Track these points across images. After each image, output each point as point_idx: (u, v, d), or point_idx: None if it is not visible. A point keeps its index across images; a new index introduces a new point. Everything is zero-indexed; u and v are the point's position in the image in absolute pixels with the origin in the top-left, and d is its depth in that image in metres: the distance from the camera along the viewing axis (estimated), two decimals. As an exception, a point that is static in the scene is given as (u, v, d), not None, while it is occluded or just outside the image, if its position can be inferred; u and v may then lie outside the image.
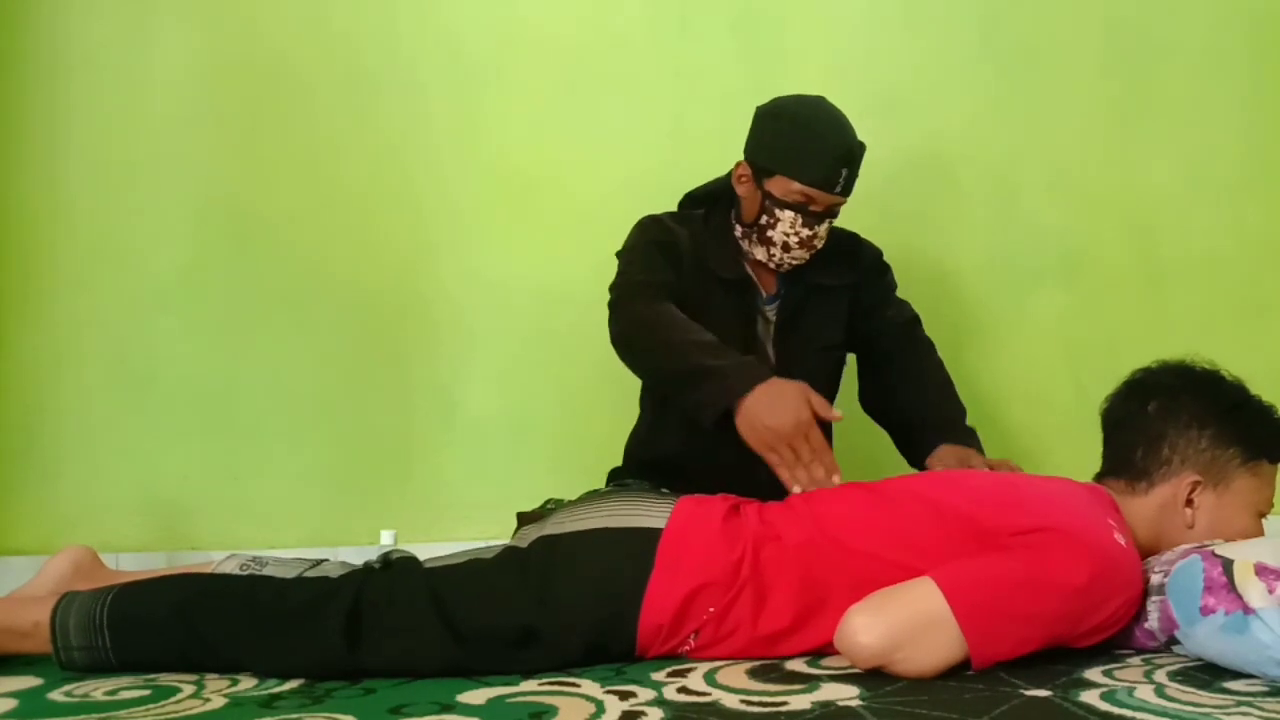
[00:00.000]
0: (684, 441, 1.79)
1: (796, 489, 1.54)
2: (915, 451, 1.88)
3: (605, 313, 1.79)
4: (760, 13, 2.37)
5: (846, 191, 1.79)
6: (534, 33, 2.35)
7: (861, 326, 1.94)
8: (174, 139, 2.27)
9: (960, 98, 2.41)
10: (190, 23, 2.28)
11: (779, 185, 1.78)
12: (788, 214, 1.78)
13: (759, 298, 1.88)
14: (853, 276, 1.92)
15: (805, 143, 1.76)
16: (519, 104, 2.34)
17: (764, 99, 1.88)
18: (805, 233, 1.79)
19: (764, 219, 1.80)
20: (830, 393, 1.92)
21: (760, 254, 1.84)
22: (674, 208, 1.98)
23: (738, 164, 1.85)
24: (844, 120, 1.79)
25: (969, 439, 1.84)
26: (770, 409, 1.54)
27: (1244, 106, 2.46)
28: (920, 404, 1.91)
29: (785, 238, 1.80)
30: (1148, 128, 2.45)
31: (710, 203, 1.93)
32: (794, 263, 1.84)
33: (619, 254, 1.88)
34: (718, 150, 2.33)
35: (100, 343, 2.24)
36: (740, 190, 1.85)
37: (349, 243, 2.30)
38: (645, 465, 1.86)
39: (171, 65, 2.27)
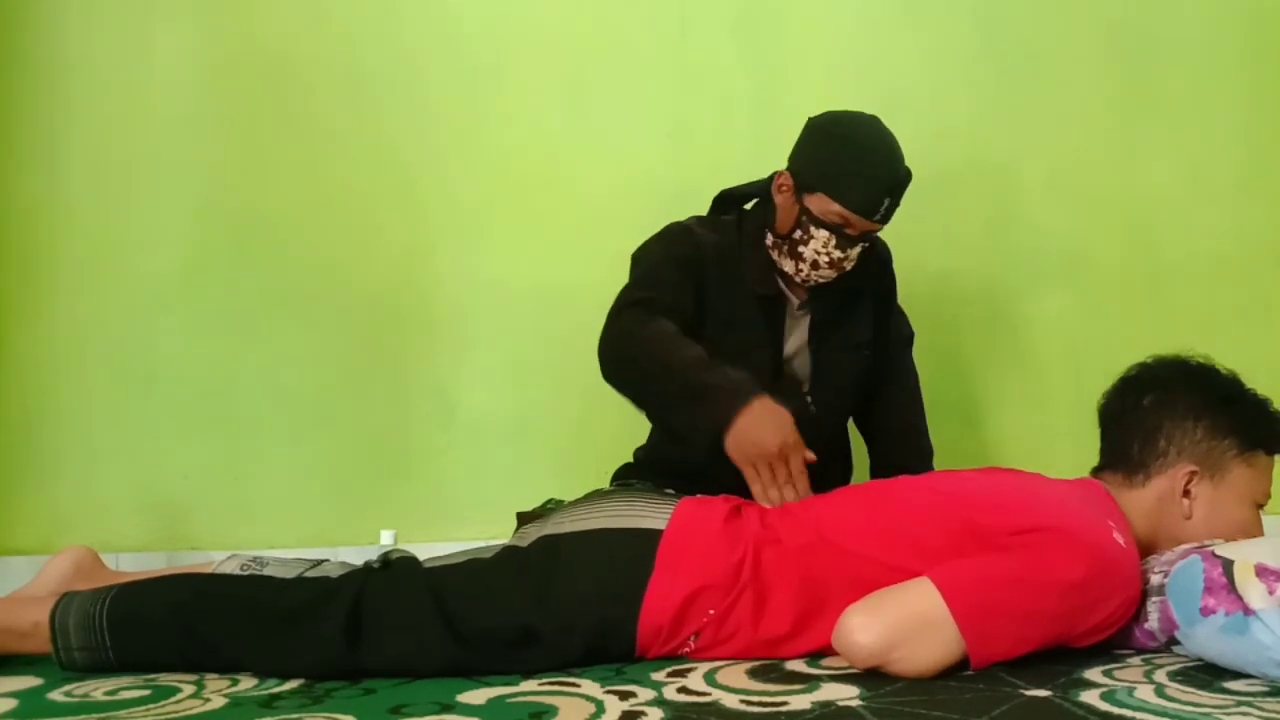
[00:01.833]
0: (692, 451, 1.78)
1: (765, 504, 1.55)
2: (878, 467, 1.96)
3: (604, 312, 1.78)
4: (760, 13, 2.37)
5: (885, 220, 1.75)
6: (534, 33, 2.35)
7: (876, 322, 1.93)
8: (174, 139, 2.27)
9: (960, 98, 2.41)
10: (190, 23, 2.28)
11: (818, 203, 1.73)
12: (823, 233, 1.74)
13: (790, 310, 1.85)
14: (873, 275, 1.90)
15: (852, 165, 1.72)
16: (520, 104, 2.34)
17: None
18: (837, 254, 1.75)
19: (798, 233, 1.76)
20: (863, 391, 1.93)
21: (788, 266, 1.81)
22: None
23: (779, 172, 1.81)
24: (895, 147, 1.74)
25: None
26: (760, 426, 1.55)
27: (1244, 106, 2.46)
28: (886, 436, 1.96)
29: (816, 256, 1.76)
30: (1148, 128, 2.45)
31: (743, 206, 1.90)
32: (820, 280, 1.80)
33: (634, 256, 1.85)
34: (718, 150, 2.34)
35: (100, 343, 2.24)
36: (778, 199, 1.80)
37: (349, 243, 2.30)
38: (658, 468, 1.84)
39: (171, 65, 2.28)
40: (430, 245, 2.31)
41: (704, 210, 1.94)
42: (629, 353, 1.70)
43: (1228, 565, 1.29)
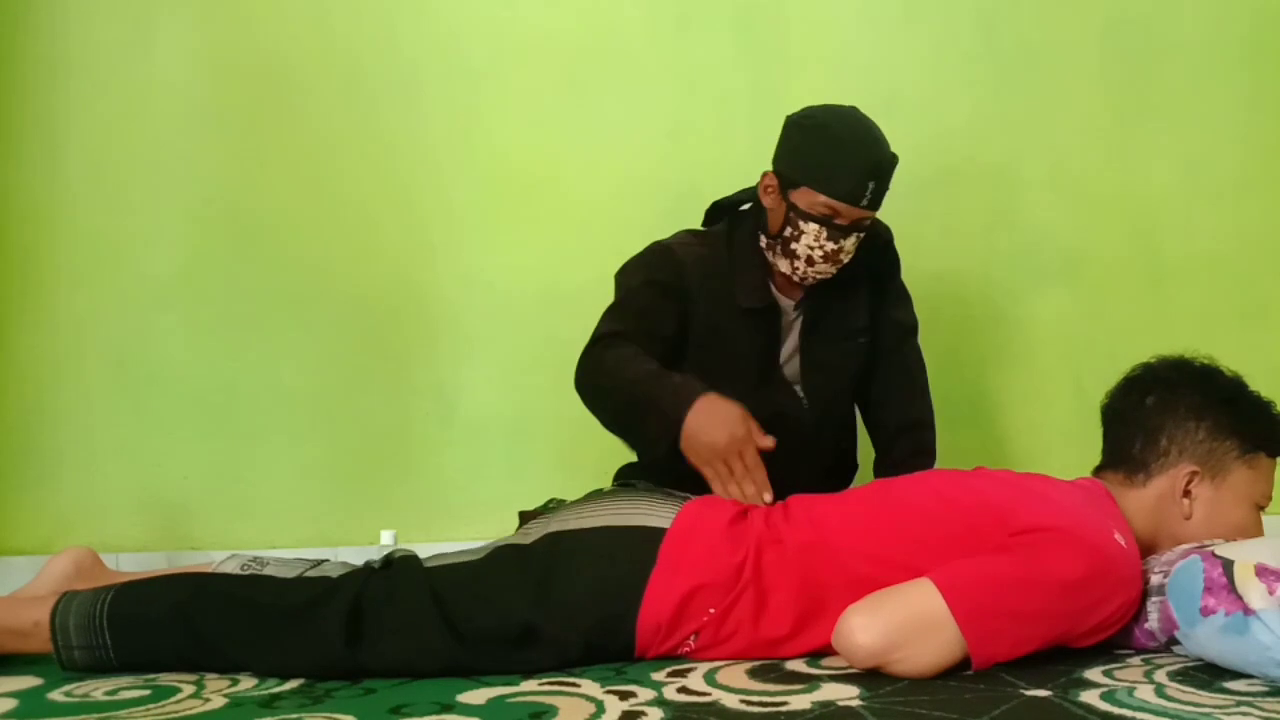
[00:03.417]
0: None
1: (729, 500, 1.54)
2: (878, 461, 1.95)
3: (602, 311, 1.79)
4: (760, 13, 2.37)
5: (874, 205, 1.74)
6: (533, 33, 2.35)
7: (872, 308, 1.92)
8: (173, 139, 2.27)
9: (960, 98, 2.41)
10: (190, 23, 2.29)
11: (804, 197, 1.73)
12: (812, 226, 1.73)
13: (784, 318, 1.84)
14: (870, 258, 1.87)
15: (831, 154, 1.71)
16: (517, 104, 2.34)
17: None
18: (830, 246, 1.74)
19: (788, 231, 1.76)
20: (862, 382, 1.93)
21: (784, 266, 1.80)
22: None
23: (765, 174, 1.81)
24: (874, 131, 1.73)
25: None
26: (708, 425, 1.55)
27: (1244, 106, 2.46)
28: (890, 423, 1.94)
29: (809, 251, 1.75)
30: (1148, 128, 2.45)
31: (735, 214, 1.89)
32: (818, 276, 1.79)
33: (615, 278, 1.84)
34: (717, 150, 2.34)
35: (100, 343, 2.24)
36: (766, 201, 1.80)
37: (348, 243, 2.30)
38: (662, 470, 1.81)
39: (171, 65, 2.28)
40: (430, 245, 2.32)
41: (703, 209, 1.93)
42: (593, 381, 1.72)
43: (1228, 565, 1.29)
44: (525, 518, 1.66)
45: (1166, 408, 1.51)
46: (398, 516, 2.21)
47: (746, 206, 1.89)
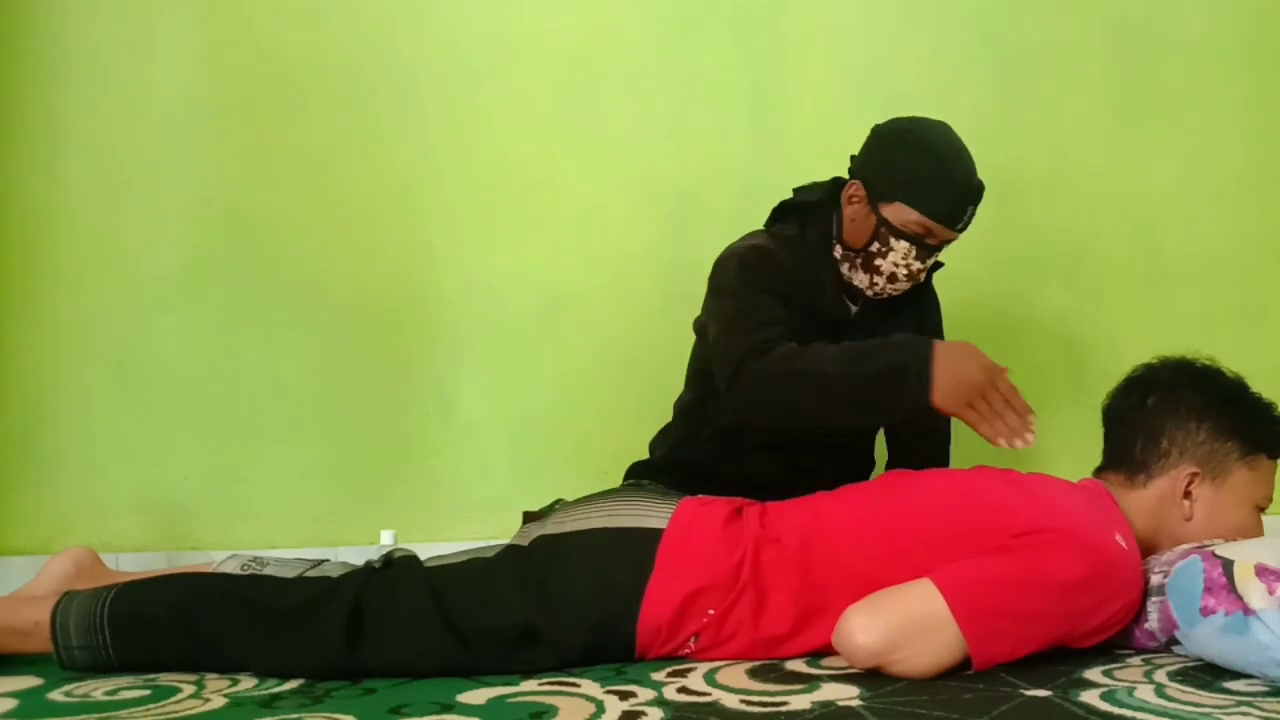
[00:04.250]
0: (717, 454, 1.77)
1: (1001, 443, 1.50)
2: (891, 451, 1.93)
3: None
4: (760, 13, 2.37)
5: (965, 228, 1.70)
6: (532, 33, 2.34)
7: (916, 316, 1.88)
8: (173, 139, 2.27)
9: (960, 98, 2.40)
10: (190, 24, 2.28)
11: (897, 212, 1.68)
12: (903, 244, 1.69)
13: (849, 329, 1.77)
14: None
15: (932, 172, 1.67)
16: (517, 104, 2.34)
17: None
18: (916, 265, 1.71)
19: (875, 245, 1.71)
20: None
21: (860, 280, 1.75)
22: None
23: (843, 180, 1.75)
24: (969, 153, 1.70)
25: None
26: (958, 366, 1.49)
27: (1244, 106, 2.46)
28: (907, 436, 1.92)
29: (895, 269, 1.71)
30: (1148, 128, 2.45)
31: (804, 217, 1.80)
32: (893, 293, 1.75)
33: (717, 287, 1.75)
34: (717, 151, 2.34)
35: (100, 343, 2.24)
36: (849, 210, 1.74)
37: (348, 243, 2.30)
38: (676, 469, 1.81)
39: (171, 65, 2.27)
40: (429, 245, 2.31)
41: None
42: (797, 382, 1.58)
43: (1228, 565, 1.29)
44: (529, 518, 1.66)
45: (1167, 409, 1.51)
46: (398, 516, 2.21)
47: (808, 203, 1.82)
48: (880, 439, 1.98)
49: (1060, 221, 2.43)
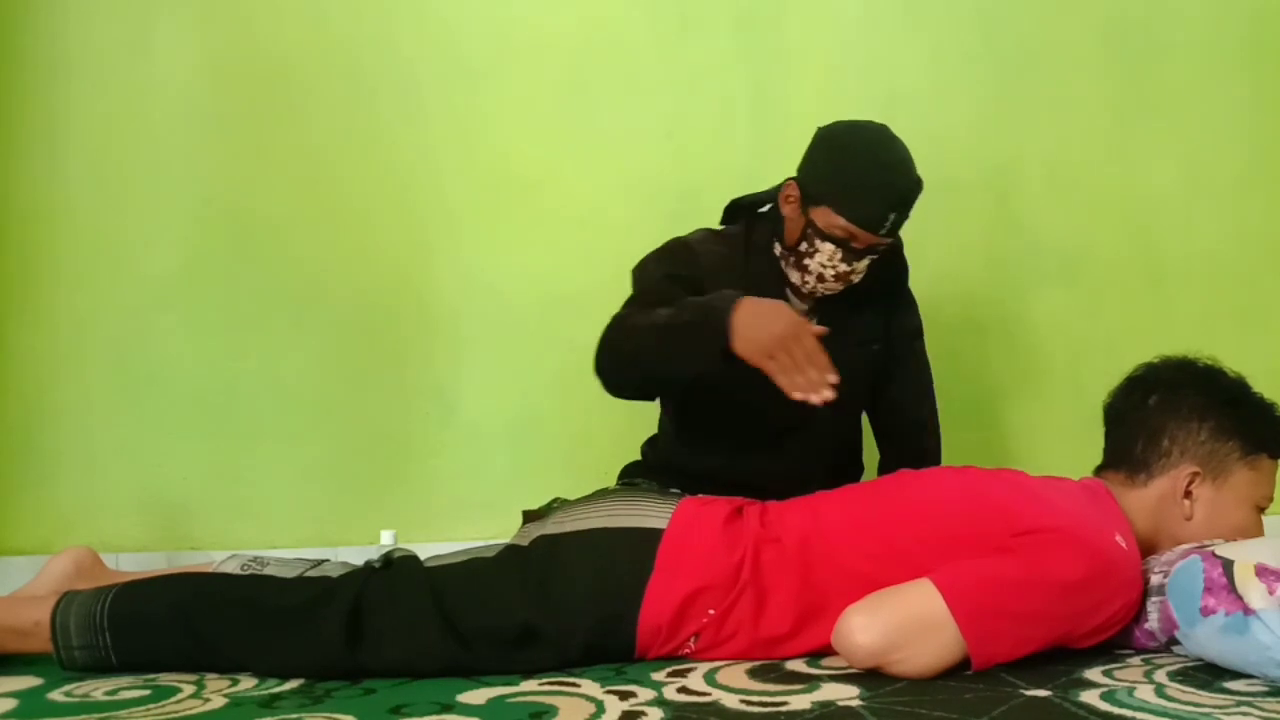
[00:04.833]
0: (708, 455, 1.79)
1: (797, 395, 1.50)
2: (882, 464, 1.93)
3: (603, 312, 1.77)
4: (760, 13, 2.37)
5: (892, 234, 1.71)
6: (532, 33, 2.34)
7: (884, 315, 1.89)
8: (173, 139, 2.27)
9: (960, 98, 2.41)
10: (190, 24, 2.28)
11: (823, 216, 1.69)
12: (828, 246, 1.70)
13: None
14: (880, 265, 1.83)
15: (856, 178, 1.67)
16: (517, 105, 2.34)
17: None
18: (843, 268, 1.72)
19: (803, 245, 1.73)
20: (868, 387, 1.90)
21: (795, 278, 1.78)
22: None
23: (788, 181, 1.77)
24: (903, 158, 1.69)
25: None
26: (760, 317, 1.51)
27: (1244, 106, 2.46)
28: (897, 427, 1.93)
29: (821, 269, 1.73)
30: (1148, 128, 2.45)
31: (753, 216, 1.85)
32: (826, 293, 1.77)
33: (632, 273, 1.81)
34: (717, 151, 2.34)
35: (100, 343, 2.24)
36: (785, 210, 1.77)
37: (348, 244, 2.30)
38: (669, 470, 1.82)
39: (171, 66, 2.27)
40: (429, 245, 2.31)
41: (703, 210, 1.93)
42: (620, 339, 1.66)
43: (1228, 565, 1.29)
44: (529, 517, 1.66)
45: (1169, 408, 1.51)
46: (397, 516, 2.21)
47: (765, 209, 1.86)
48: (874, 442, 1.98)
49: (1060, 221, 2.43)
